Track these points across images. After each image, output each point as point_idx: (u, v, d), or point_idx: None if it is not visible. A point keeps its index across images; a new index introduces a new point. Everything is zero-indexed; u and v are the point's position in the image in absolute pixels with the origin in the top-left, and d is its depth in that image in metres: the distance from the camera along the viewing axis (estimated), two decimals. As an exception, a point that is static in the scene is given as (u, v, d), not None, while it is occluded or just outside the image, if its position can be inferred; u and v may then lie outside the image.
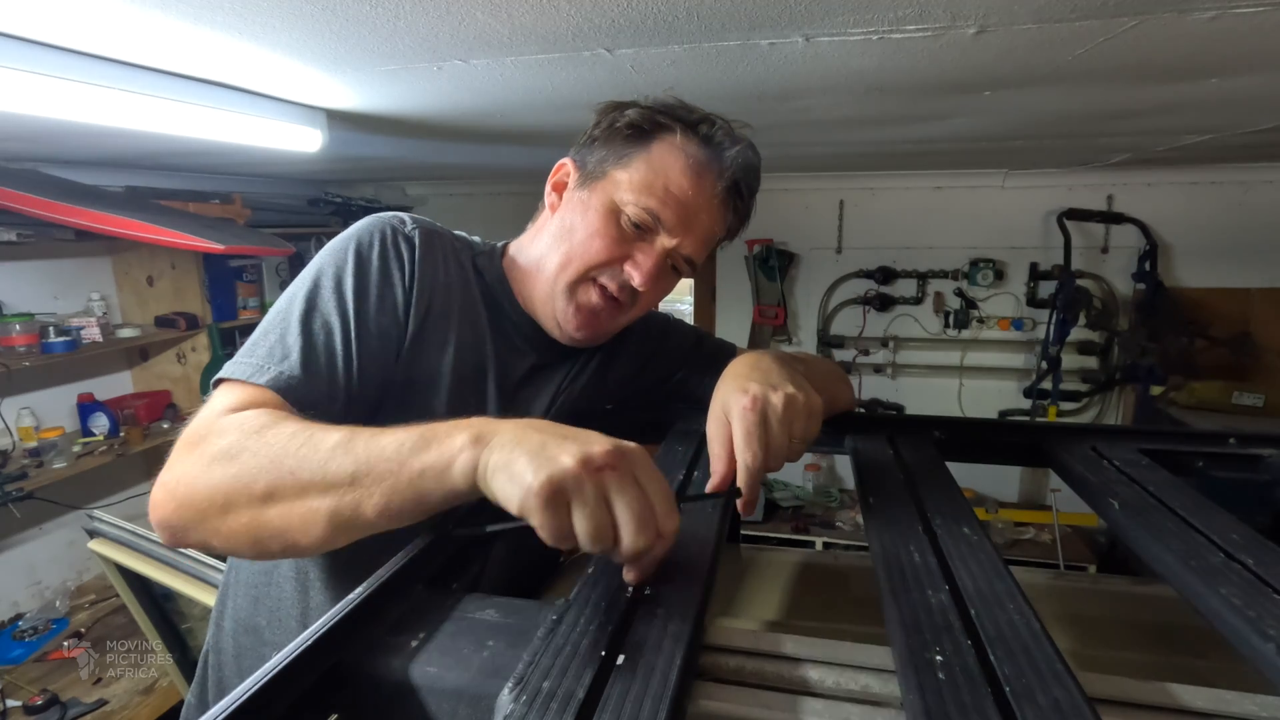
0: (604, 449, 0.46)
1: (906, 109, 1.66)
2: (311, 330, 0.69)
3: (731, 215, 0.82)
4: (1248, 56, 1.17)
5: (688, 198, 0.76)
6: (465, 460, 0.49)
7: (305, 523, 0.53)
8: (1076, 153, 2.69)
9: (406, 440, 0.52)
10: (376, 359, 0.72)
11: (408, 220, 0.79)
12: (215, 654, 0.85)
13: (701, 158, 0.77)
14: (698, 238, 0.79)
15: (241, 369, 0.66)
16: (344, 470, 0.52)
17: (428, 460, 0.50)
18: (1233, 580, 0.51)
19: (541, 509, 0.44)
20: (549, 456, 0.45)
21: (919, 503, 0.65)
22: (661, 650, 0.42)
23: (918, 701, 0.37)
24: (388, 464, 0.51)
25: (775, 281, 3.75)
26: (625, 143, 0.77)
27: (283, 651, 0.41)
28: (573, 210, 0.80)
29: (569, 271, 0.78)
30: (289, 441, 0.55)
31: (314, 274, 0.73)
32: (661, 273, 0.79)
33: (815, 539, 3.46)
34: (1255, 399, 3.09)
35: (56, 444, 2.41)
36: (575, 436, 0.48)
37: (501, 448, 0.48)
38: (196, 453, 0.58)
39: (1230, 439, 0.85)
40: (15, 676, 2.24)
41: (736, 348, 1.02)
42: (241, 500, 0.55)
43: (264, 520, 0.54)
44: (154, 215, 2.34)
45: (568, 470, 0.44)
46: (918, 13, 0.96)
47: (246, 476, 0.54)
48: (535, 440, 0.47)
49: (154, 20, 0.95)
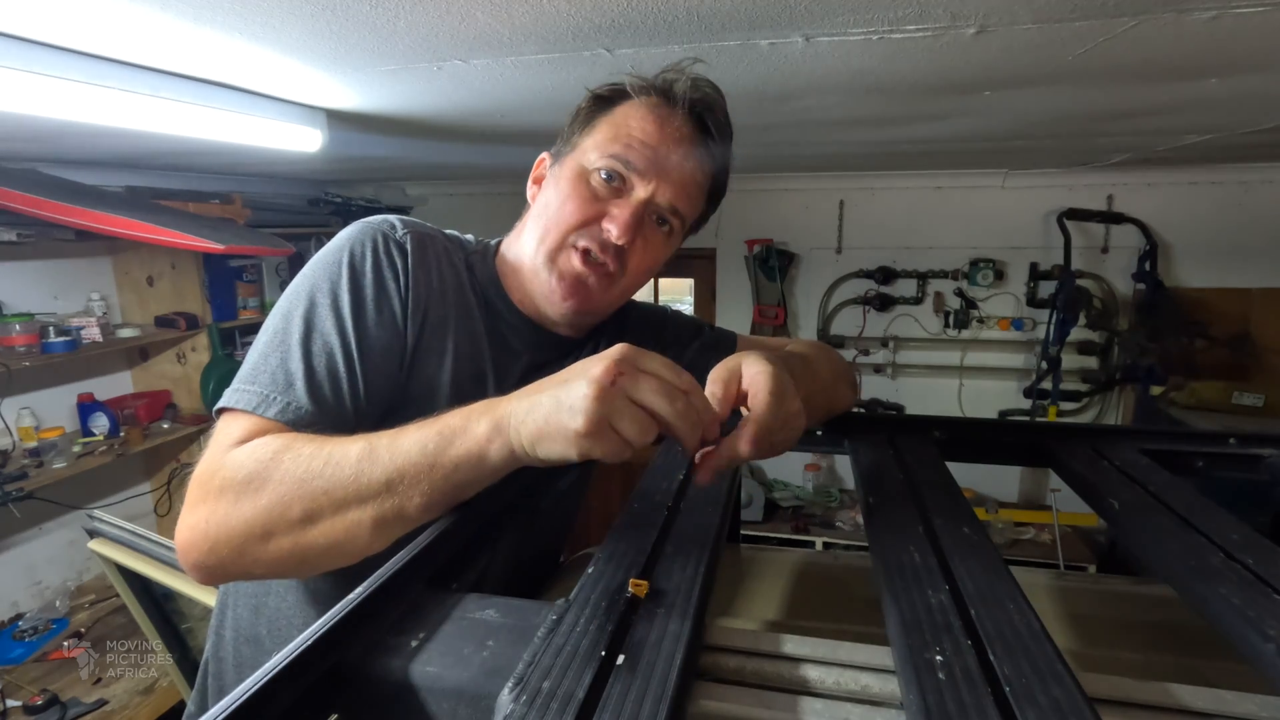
0: (602, 366, 0.51)
1: (906, 109, 1.66)
2: (312, 353, 0.68)
3: (706, 157, 0.79)
4: (1248, 56, 1.17)
5: (654, 140, 0.75)
6: (499, 446, 0.53)
7: (351, 535, 0.55)
8: (1076, 153, 2.69)
9: (428, 440, 0.54)
10: (381, 373, 0.71)
11: (398, 225, 0.77)
12: (215, 663, 0.84)
13: (661, 103, 0.76)
14: (674, 183, 0.76)
15: (246, 399, 0.65)
16: (376, 480, 0.54)
17: (457, 454, 0.54)
18: (1233, 580, 0.51)
19: (596, 442, 0.50)
20: (569, 402, 0.50)
21: (919, 503, 0.65)
22: (661, 650, 0.42)
23: (918, 701, 0.37)
24: (417, 467, 0.54)
25: (775, 281, 3.75)
26: (589, 114, 0.78)
27: (283, 651, 0.41)
28: (547, 189, 0.80)
29: (547, 242, 0.77)
30: (310, 462, 0.56)
31: (308, 290, 0.71)
32: (640, 224, 0.76)
33: (815, 539, 3.46)
34: (1255, 399, 3.09)
35: (56, 444, 2.41)
36: (571, 376, 0.52)
37: (524, 423, 0.52)
38: (217, 491, 0.58)
39: (1230, 439, 0.85)
40: (15, 676, 2.24)
41: (738, 336, 1.01)
42: (281, 527, 0.56)
43: (308, 541, 0.56)
44: (154, 215, 2.34)
45: (592, 400, 0.49)
46: (918, 13, 0.96)
47: (280, 504, 0.56)
48: (546, 400, 0.52)
49: (154, 20, 0.95)
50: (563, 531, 1.00)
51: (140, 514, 2.91)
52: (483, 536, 0.65)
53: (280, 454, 0.57)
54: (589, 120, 0.78)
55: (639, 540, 0.56)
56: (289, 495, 0.55)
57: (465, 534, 0.62)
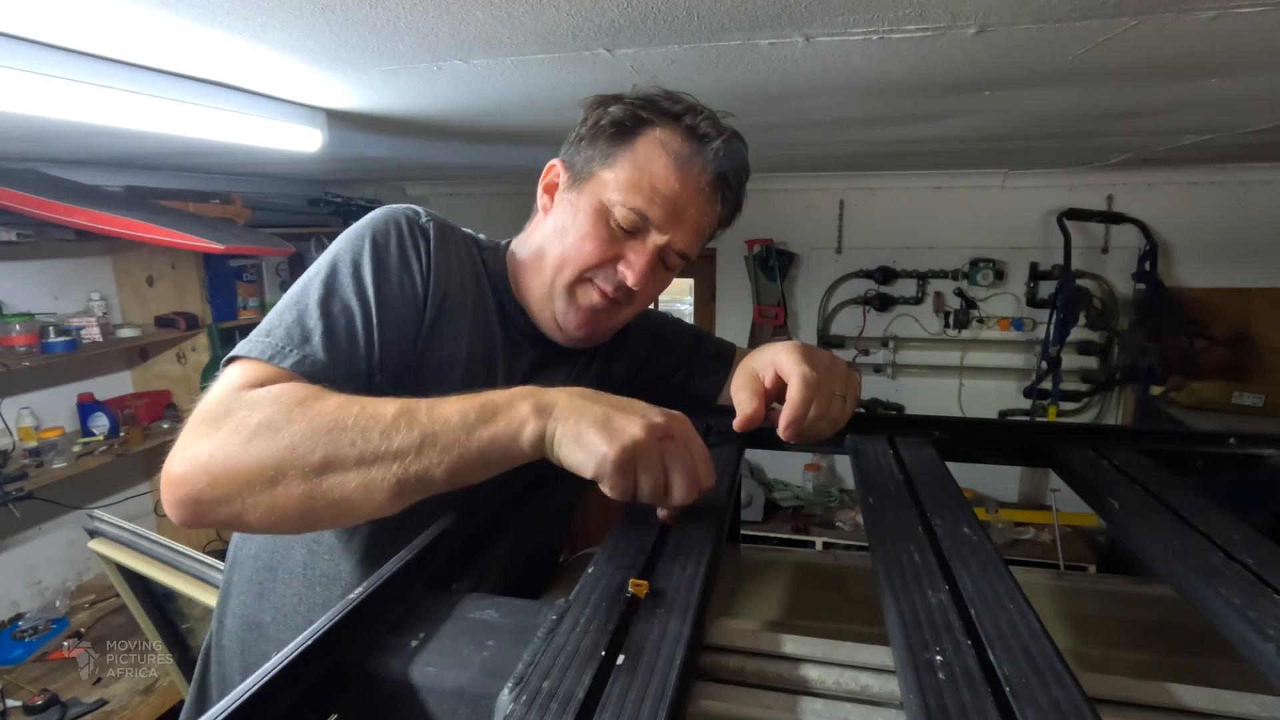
0: (663, 420, 0.54)
1: (906, 109, 1.66)
2: (331, 314, 0.68)
3: (721, 206, 0.81)
4: (1248, 56, 1.17)
5: (674, 193, 0.76)
6: (532, 430, 0.55)
7: (368, 492, 0.54)
8: (1076, 153, 2.69)
9: (470, 410, 0.56)
10: (395, 344, 0.72)
11: (422, 213, 0.79)
12: (217, 650, 0.84)
13: (686, 152, 0.76)
14: (688, 232, 0.78)
15: (259, 348, 0.64)
16: (410, 441, 0.54)
17: (495, 430, 0.55)
18: (1233, 580, 0.51)
19: (615, 474, 0.52)
20: (617, 428, 0.52)
21: (919, 503, 0.65)
22: (661, 650, 0.42)
23: (918, 701, 0.37)
24: (454, 433, 0.55)
25: (775, 281, 3.75)
26: (610, 141, 0.77)
27: (283, 651, 0.41)
28: (564, 212, 0.80)
29: (565, 274, 0.79)
30: (340, 413, 0.56)
31: (330, 260, 0.72)
32: (654, 270, 0.79)
33: (815, 539, 3.46)
34: (1255, 399, 3.09)
35: (56, 444, 2.41)
36: (630, 407, 0.55)
37: (566, 418, 0.54)
38: (227, 427, 0.56)
39: (1230, 439, 0.85)
40: (15, 676, 2.24)
41: (737, 348, 1.02)
42: (294, 472, 0.54)
43: (320, 491, 0.55)
44: (154, 215, 2.34)
45: (638, 441, 0.52)
46: (918, 13, 0.96)
47: (302, 448, 0.54)
48: (598, 411, 0.54)
49: (154, 20, 0.95)
50: (563, 531, 1.00)
51: (140, 514, 2.91)
52: (483, 536, 0.66)
53: (309, 401, 0.57)
54: (609, 150, 0.77)
55: (639, 540, 0.56)
56: (313, 440, 0.54)
57: (465, 534, 0.62)
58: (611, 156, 0.77)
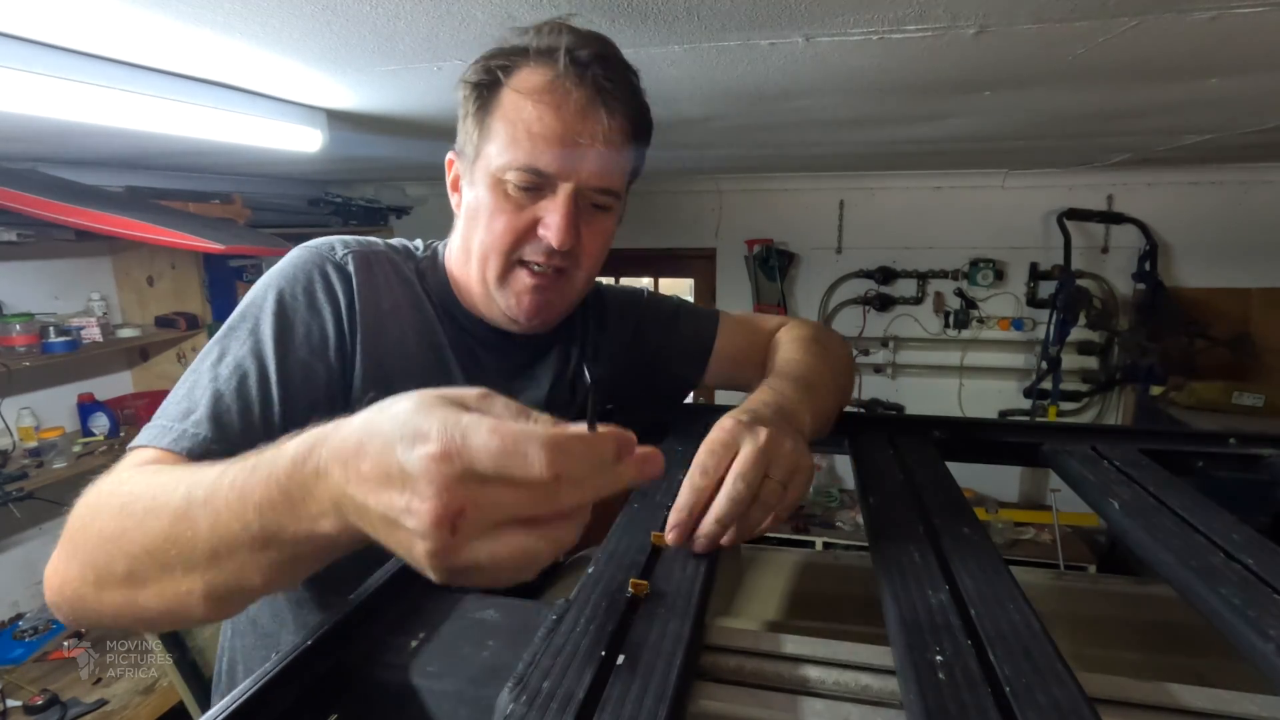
0: (431, 513, 0.32)
1: (906, 109, 1.66)
2: (220, 377, 0.63)
3: (616, 116, 0.70)
4: (1248, 56, 1.17)
5: (554, 131, 0.67)
6: (348, 531, 0.38)
7: (185, 604, 0.44)
8: (1076, 153, 2.69)
9: (248, 514, 0.40)
10: (303, 399, 0.65)
11: (338, 247, 0.74)
12: (229, 653, 0.84)
13: (545, 82, 0.67)
14: (594, 164, 0.69)
15: (147, 433, 0.60)
16: (199, 548, 0.42)
17: (294, 535, 0.40)
18: (1233, 580, 0.50)
19: (467, 584, 0.36)
20: (410, 552, 0.35)
21: (919, 503, 0.65)
22: (661, 650, 0.42)
23: (918, 701, 0.37)
24: (241, 543, 0.41)
25: (775, 281, 3.75)
26: (478, 112, 0.71)
27: (283, 652, 0.41)
28: (470, 203, 0.74)
29: (492, 266, 0.73)
30: (129, 512, 0.47)
31: (232, 319, 0.68)
32: (577, 219, 0.71)
33: (815, 539, 3.45)
34: (1255, 399, 3.09)
35: (56, 444, 2.41)
36: (394, 509, 0.34)
37: (364, 522, 0.37)
38: (66, 530, 0.52)
39: (1230, 439, 0.85)
40: (15, 676, 2.24)
41: (721, 316, 0.96)
42: (109, 581, 0.48)
43: (142, 603, 0.46)
44: (154, 215, 2.34)
45: (438, 561, 0.34)
46: (918, 13, 0.96)
47: (104, 557, 0.48)
48: (380, 524, 0.36)
49: (154, 20, 0.95)
50: None
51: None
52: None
53: (113, 494, 0.50)
54: (481, 120, 0.71)
55: (639, 540, 0.56)
56: (111, 549, 0.47)
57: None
58: (485, 126, 0.70)
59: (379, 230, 3.69)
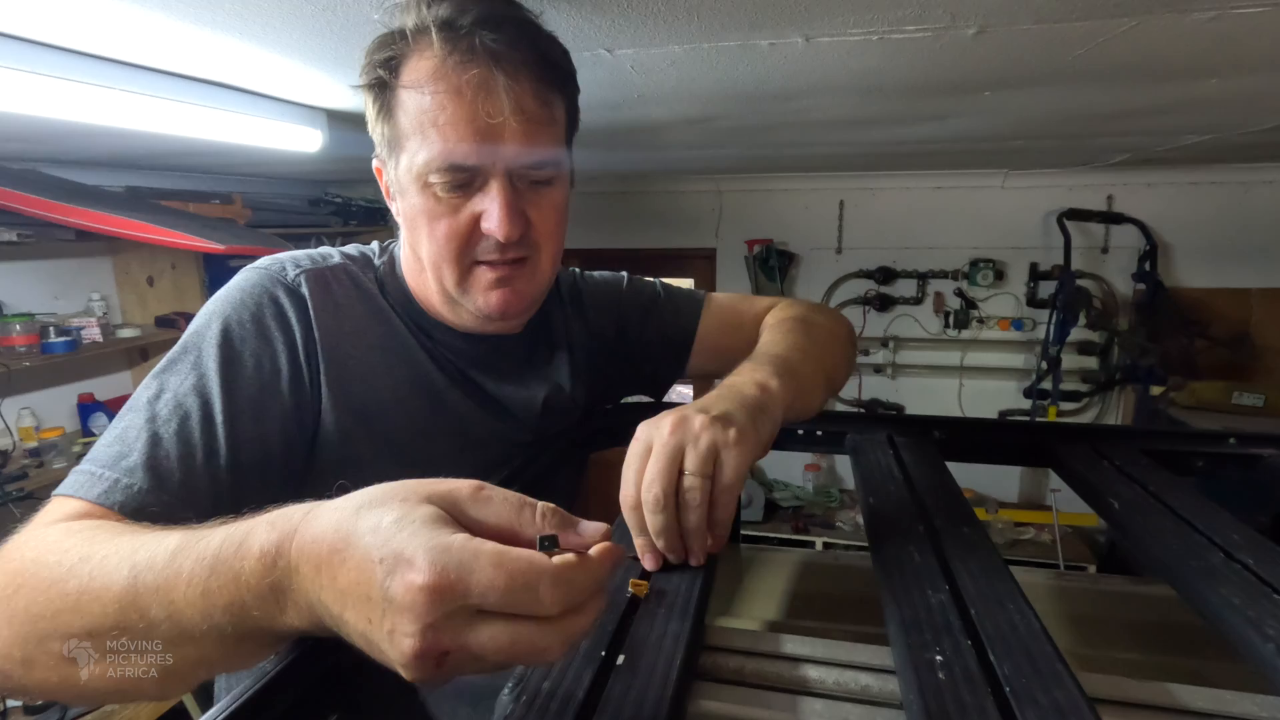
0: (414, 639, 0.30)
1: (906, 109, 1.66)
2: (158, 418, 0.56)
3: (526, 81, 0.62)
4: (1248, 56, 1.17)
5: (462, 117, 0.60)
6: (305, 625, 0.37)
7: (137, 686, 0.41)
8: (1076, 153, 2.69)
9: (213, 609, 0.37)
10: (253, 434, 0.60)
11: (289, 267, 0.69)
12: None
13: (433, 67, 0.61)
14: (518, 141, 0.62)
15: (73, 481, 0.54)
16: (154, 637, 0.40)
17: (258, 629, 0.38)
18: (1233, 580, 0.50)
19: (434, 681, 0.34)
20: (394, 659, 0.32)
21: (919, 503, 0.65)
22: (661, 650, 0.42)
23: (918, 701, 0.37)
24: (205, 635, 0.38)
25: (775, 281, 3.75)
26: (381, 115, 0.65)
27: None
28: (405, 210, 0.69)
29: (447, 275, 0.68)
30: (54, 597, 0.42)
31: (173, 351, 0.62)
32: (519, 204, 0.65)
33: (815, 539, 3.46)
34: (1255, 399, 3.09)
35: (57, 444, 2.41)
36: (373, 630, 0.32)
37: (341, 628, 0.35)
38: None
39: (1230, 439, 0.85)
40: (15, 676, 2.24)
41: (706, 297, 0.92)
42: (40, 659, 0.43)
43: (82, 683, 0.42)
44: (154, 215, 2.34)
45: (421, 675, 0.32)
46: (918, 13, 0.96)
47: (34, 635, 0.43)
48: (360, 631, 0.34)
49: (154, 20, 0.95)
50: None
51: (140, 514, 2.91)
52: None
53: (38, 561, 0.44)
54: (385, 123, 0.65)
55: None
56: (44, 627, 0.42)
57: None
58: (393, 128, 0.65)
59: (379, 230, 3.69)
